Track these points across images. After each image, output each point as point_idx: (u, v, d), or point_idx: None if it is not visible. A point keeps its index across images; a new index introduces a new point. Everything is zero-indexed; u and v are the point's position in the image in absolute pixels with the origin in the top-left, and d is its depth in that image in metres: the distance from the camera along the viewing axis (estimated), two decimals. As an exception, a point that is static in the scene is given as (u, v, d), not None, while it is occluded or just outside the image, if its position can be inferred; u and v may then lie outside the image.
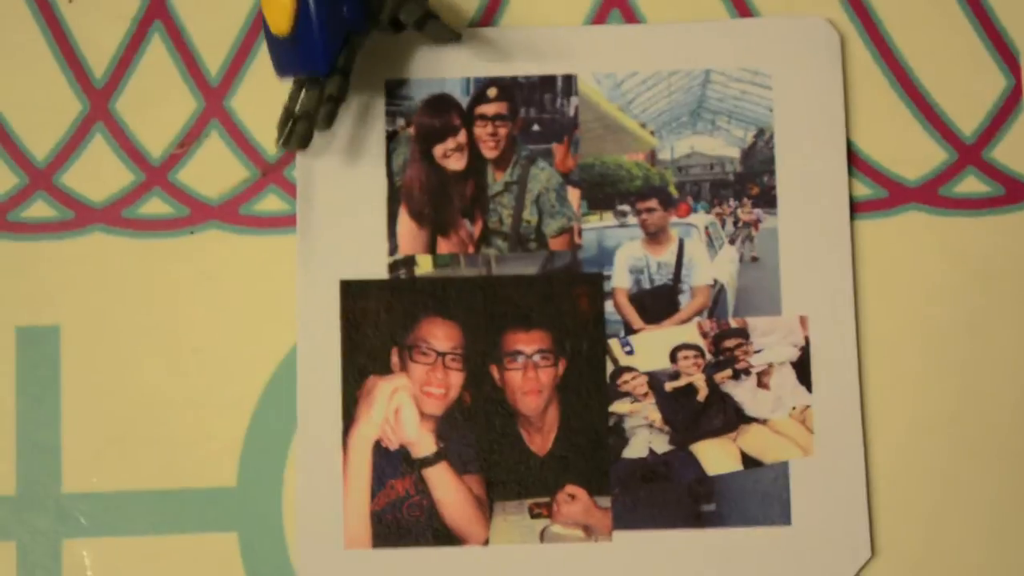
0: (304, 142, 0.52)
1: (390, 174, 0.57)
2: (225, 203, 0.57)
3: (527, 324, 0.56)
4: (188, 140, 0.57)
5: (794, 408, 0.55)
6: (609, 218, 0.56)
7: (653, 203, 0.57)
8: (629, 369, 0.56)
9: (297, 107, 0.53)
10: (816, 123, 0.56)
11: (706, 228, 0.57)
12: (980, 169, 0.57)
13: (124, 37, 0.58)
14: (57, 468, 0.55)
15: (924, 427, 0.55)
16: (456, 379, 0.55)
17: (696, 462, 0.55)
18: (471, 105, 0.57)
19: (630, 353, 0.56)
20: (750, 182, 0.57)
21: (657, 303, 0.56)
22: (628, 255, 0.56)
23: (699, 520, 0.54)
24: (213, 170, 0.57)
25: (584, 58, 0.57)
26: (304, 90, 0.53)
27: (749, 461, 0.55)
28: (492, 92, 0.57)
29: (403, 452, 0.55)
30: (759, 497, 0.54)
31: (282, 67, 0.53)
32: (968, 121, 0.57)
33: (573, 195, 0.57)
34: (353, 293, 0.56)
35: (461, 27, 0.57)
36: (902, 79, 0.57)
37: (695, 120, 0.57)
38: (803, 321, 0.55)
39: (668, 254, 0.56)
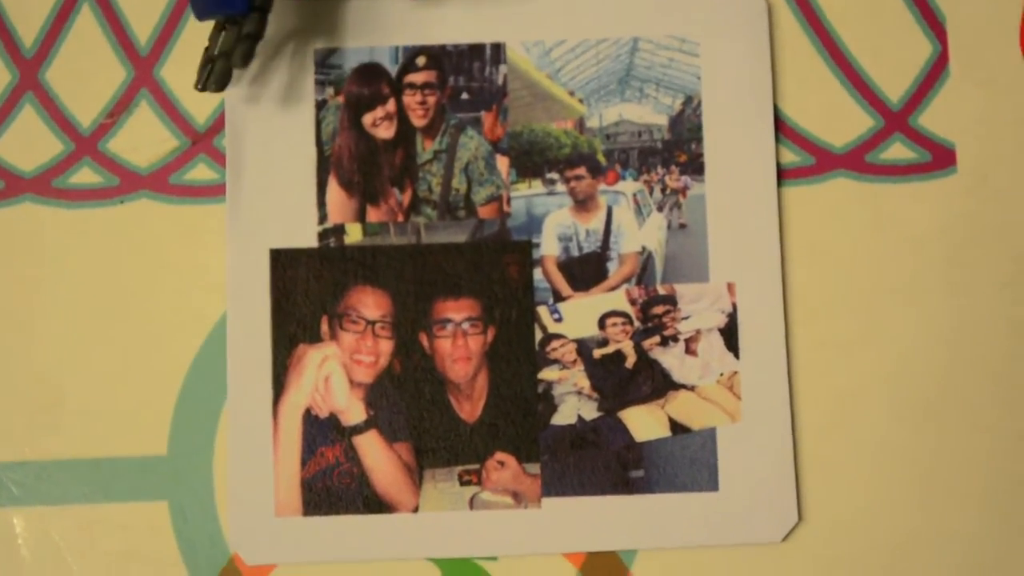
0: (222, 82, 0.52)
1: (319, 143, 0.57)
2: (155, 172, 0.57)
3: (456, 292, 0.56)
4: (118, 110, 0.57)
5: (722, 374, 0.55)
6: (538, 186, 0.56)
7: (581, 171, 0.57)
8: (558, 336, 0.56)
9: (216, 49, 0.53)
10: (743, 90, 0.56)
11: (634, 195, 0.57)
12: (907, 135, 0.57)
13: (53, 6, 0.58)
14: (-12, 438, 0.56)
15: (851, 393, 0.55)
16: (386, 347, 0.56)
17: (624, 429, 0.55)
18: (400, 74, 0.57)
19: (559, 320, 0.56)
20: (678, 149, 0.57)
21: (585, 270, 0.56)
22: (557, 223, 0.56)
23: (627, 486, 0.55)
24: (143, 139, 0.57)
25: (513, 26, 0.57)
26: (223, 32, 0.53)
27: (677, 427, 0.55)
28: (421, 60, 0.57)
29: (333, 420, 0.55)
30: (687, 463, 0.55)
31: (200, 10, 0.53)
32: (895, 88, 0.57)
33: (502, 163, 0.57)
34: (283, 262, 0.56)
35: (392, -4, 0.57)
36: (829, 46, 0.57)
37: (623, 88, 0.57)
38: (731, 288, 0.55)
39: (596, 221, 0.56)
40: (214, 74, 0.53)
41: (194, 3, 0.52)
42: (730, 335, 0.55)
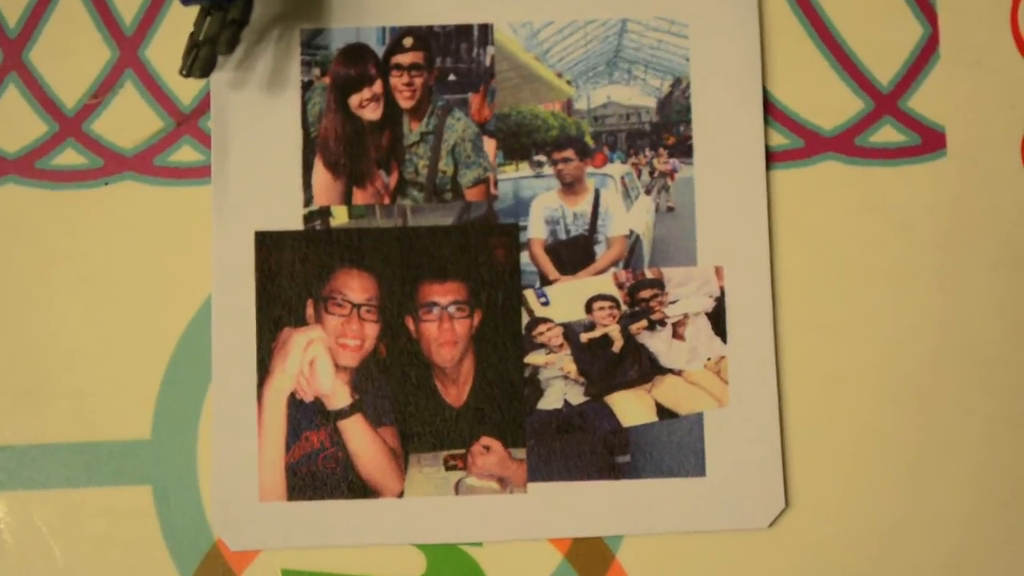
0: (207, 68, 0.52)
1: (305, 124, 0.56)
2: (139, 154, 0.57)
3: (443, 275, 0.55)
4: (102, 90, 0.57)
5: (709, 359, 0.55)
6: (525, 168, 0.56)
7: (569, 153, 0.56)
8: (544, 320, 0.55)
9: (201, 34, 0.53)
10: (733, 73, 0.56)
11: (622, 178, 0.56)
12: (896, 118, 0.56)
13: (37, -14, 0.57)
14: (-30, 421, 0.55)
15: (838, 378, 0.55)
16: (371, 331, 0.55)
17: (611, 413, 0.55)
18: (387, 55, 0.56)
19: (545, 304, 0.55)
20: (666, 132, 0.56)
21: (573, 254, 0.56)
22: (544, 205, 0.56)
23: (614, 471, 0.54)
24: (127, 120, 0.57)
25: (500, 7, 0.56)
26: (208, 17, 0.53)
27: (664, 412, 0.55)
28: (408, 41, 0.56)
29: (318, 404, 0.55)
30: (674, 448, 0.54)
31: None
32: (885, 70, 0.57)
33: (489, 145, 0.56)
34: (268, 244, 0.55)
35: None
36: (819, 28, 0.57)
37: (612, 69, 0.56)
38: (719, 271, 0.55)
39: (584, 204, 0.56)
40: (199, 60, 0.52)
41: None
42: (718, 319, 0.55)
